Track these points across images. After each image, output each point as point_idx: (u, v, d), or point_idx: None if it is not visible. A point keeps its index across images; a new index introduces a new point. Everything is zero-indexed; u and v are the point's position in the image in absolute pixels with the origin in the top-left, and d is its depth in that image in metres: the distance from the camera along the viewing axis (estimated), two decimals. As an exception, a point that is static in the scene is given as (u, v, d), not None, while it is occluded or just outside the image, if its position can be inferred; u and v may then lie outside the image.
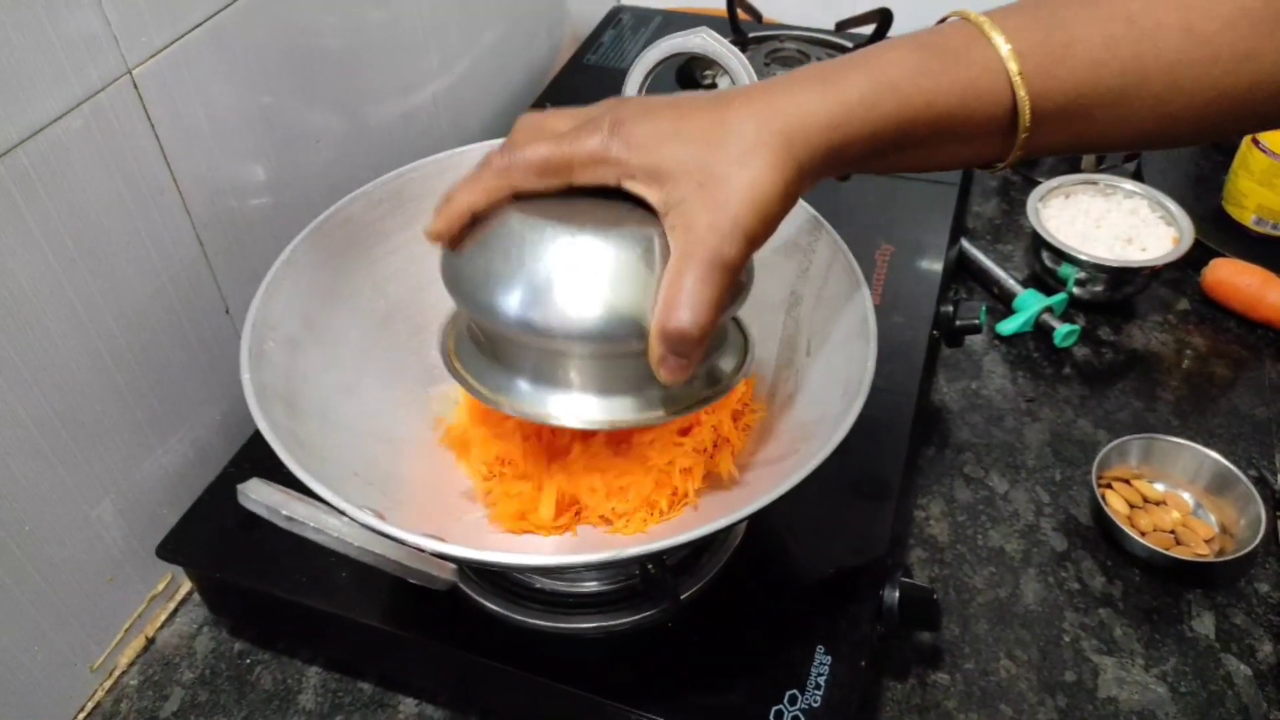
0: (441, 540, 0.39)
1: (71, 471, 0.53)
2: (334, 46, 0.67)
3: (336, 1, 0.66)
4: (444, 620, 0.52)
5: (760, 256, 0.58)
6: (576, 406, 0.43)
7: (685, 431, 0.51)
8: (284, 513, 0.36)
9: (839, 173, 0.41)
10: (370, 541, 0.36)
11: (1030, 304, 0.77)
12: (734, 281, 0.38)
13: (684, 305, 0.36)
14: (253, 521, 0.57)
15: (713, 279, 0.36)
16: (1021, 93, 0.37)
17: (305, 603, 0.53)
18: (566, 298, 0.39)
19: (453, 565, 0.38)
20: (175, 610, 0.62)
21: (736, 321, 0.49)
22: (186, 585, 0.63)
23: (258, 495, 0.37)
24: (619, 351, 0.41)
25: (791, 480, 0.41)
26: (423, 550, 0.38)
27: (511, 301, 0.40)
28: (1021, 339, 0.78)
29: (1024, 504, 0.66)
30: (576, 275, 0.39)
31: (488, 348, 0.45)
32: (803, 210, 0.55)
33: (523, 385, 0.44)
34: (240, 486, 0.38)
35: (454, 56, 0.83)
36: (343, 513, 0.38)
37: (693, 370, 0.39)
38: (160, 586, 0.61)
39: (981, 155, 0.41)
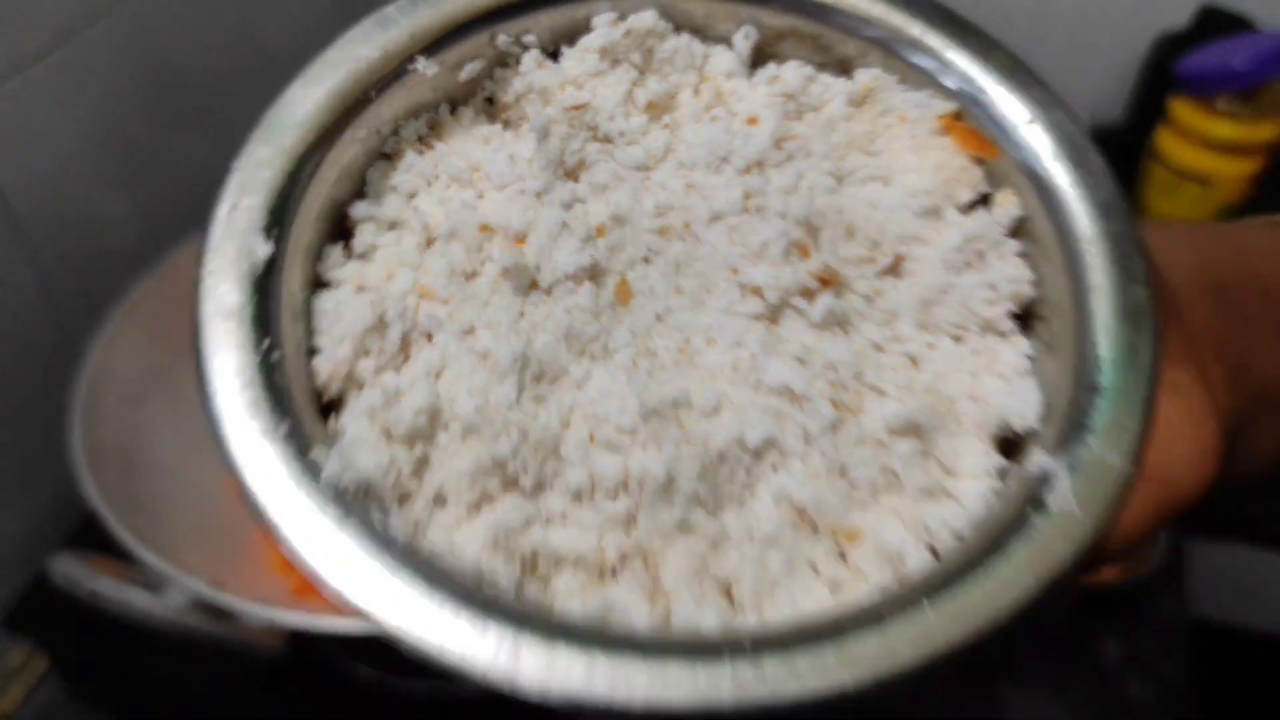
0: (278, 608, 0.35)
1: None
2: (200, 74, 0.63)
3: (199, 28, 0.63)
4: (321, 694, 0.48)
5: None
6: None
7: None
8: (88, 587, 0.32)
9: None
10: (182, 616, 0.33)
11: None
12: None
13: None
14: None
15: None
16: None
17: (172, 676, 0.49)
18: None
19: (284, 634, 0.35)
20: (37, 684, 0.57)
21: None
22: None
23: (65, 569, 0.33)
24: None
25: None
26: (246, 620, 0.34)
27: None
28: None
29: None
30: None
31: None
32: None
33: None
34: (51, 561, 0.34)
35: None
36: (168, 580, 0.35)
37: None
38: (16, 661, 0.56)
39: None
